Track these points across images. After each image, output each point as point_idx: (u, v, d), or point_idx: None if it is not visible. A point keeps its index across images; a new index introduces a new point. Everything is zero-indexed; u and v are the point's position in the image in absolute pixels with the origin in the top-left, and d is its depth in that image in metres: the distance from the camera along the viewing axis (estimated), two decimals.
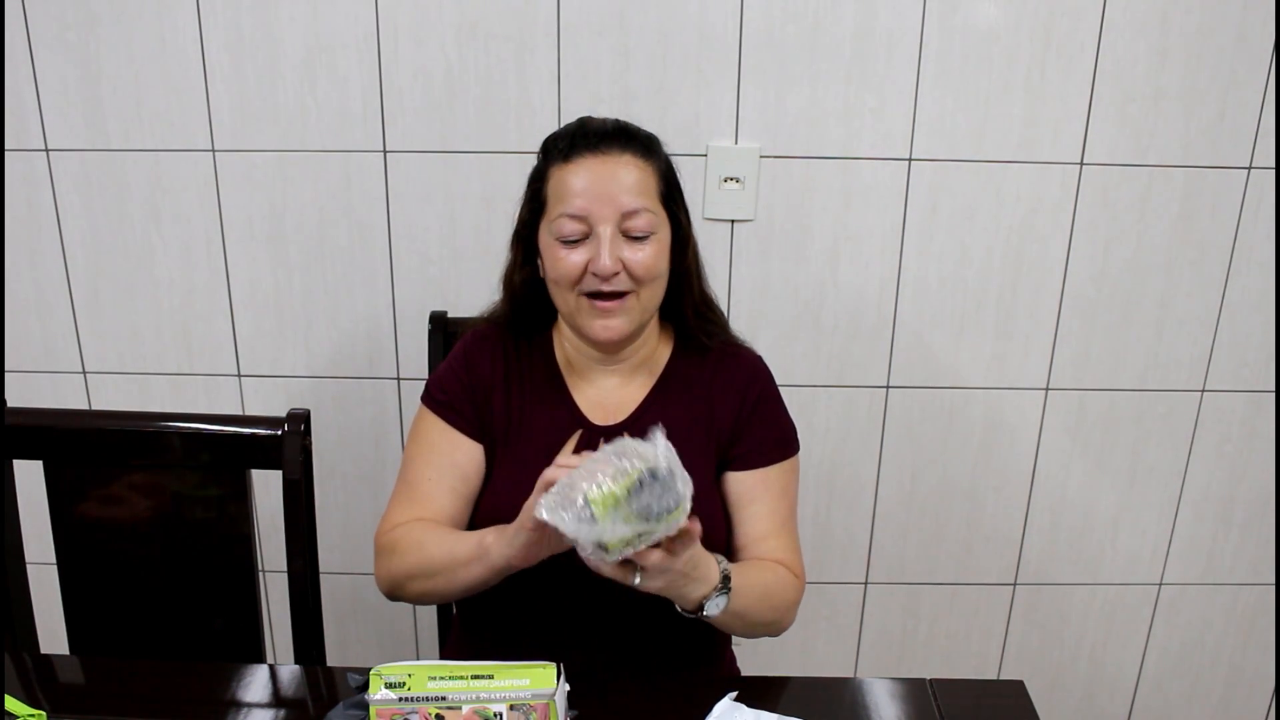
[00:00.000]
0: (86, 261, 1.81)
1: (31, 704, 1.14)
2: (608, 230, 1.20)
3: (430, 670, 1.01)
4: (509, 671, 1.01)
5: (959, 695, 1.22)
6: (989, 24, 1.66)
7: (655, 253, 1.23)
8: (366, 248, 1.79)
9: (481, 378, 1.33)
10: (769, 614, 1.25)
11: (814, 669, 2.05)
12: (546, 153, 1.27)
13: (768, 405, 1.34)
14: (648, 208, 1.22)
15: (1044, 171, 1.74)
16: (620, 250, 1.21)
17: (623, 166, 1.21)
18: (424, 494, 1.30)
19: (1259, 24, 1.66)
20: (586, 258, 1.21)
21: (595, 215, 1.20)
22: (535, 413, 1.32)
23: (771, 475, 1.32)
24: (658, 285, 1.26)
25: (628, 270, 1.22)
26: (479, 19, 1.66)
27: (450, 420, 1.32)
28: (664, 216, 1.25)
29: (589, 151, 1.22)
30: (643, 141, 1.26)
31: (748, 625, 1.24)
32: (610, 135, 1.24)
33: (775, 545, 1.30)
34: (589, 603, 1.27)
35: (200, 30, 1.67)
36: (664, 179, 1.26)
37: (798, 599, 1.30)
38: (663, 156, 1.28)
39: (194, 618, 1.46)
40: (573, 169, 1.21)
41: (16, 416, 1.39)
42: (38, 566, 1.48)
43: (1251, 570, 2.02)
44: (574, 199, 1.20)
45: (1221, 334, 1.84)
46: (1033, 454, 1.92)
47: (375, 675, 1.01)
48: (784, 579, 1.27)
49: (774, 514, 1.31)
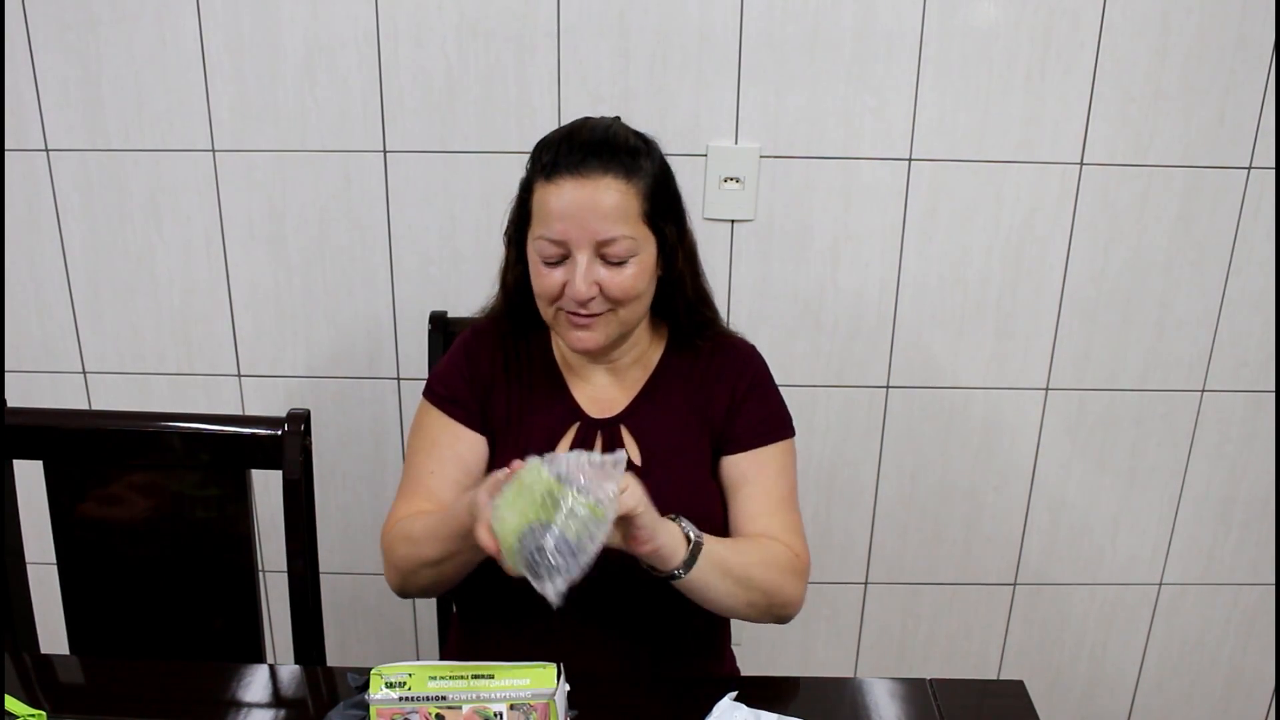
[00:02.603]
0: (86, 261, 1.81)
1: (31, 704, 1.14)
2: (584, 256, 1.20)
3: (430, 670, 1.01)
4: (509, 671, 1.01)
5: (959, 695, 1.22)
6: (989, 24, 1.66)
7: (634, 274, 1.22)
8: (366, 248, 1.79)
9: (482, 372, 1.33)
10: (760, 573, 1.21)
11: (814, 669, 2.05)
12: (535, 160, 1.24)
13: (759, 390, 1.34)
14: (626, 234, 1.20)
15: (1044, 171, 1.74)
16: (597, 274, 1.20)
17: (601, 191, 1.19)
18: (427, 489, 1.30)
19: (1259, 24, 1.66)
20: (565, 278, 1.21)
21: (572, 240, 1.20)
22: (534, 407, 1.32)
23: (765, 456, 1.31)
24: (638, 303, 1.26)
25: (604, 293, 1.21)
26: (479, 19, 1.66)
27: (453, 414, 1.32)
28: (646, 236, 1.23)
29: (569, 173, 1.19)
30: (626, 158, 1.21)
31: (738, 586, 1.19)
32: (594, 152, 1.20)
33: (769, 523, 1.28)
34: (589, 603, 1.27)
35: (200, 30, 1.67)
36: (648, 197, 1.23)
37: (799, 570, 1.26)
38: (650, 170, 1.23)
39: (194, 618, 1.46)
40: (553, 190, 1.20)
41: (16, 416, 1.39)
42: (38, 566, 1.48)
43: (1251, 570, 2.02)
44: (553, 223, 1.20)
45: (1221, 334, 1.84)
46: (1032, 454, 1.92)
47: (375, 675, 1.01)
48: (772, 545, 1.25)
49: (768, 494, 1.30)
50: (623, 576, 1.26)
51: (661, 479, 1.27)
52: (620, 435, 1.31)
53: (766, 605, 1.23)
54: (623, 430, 1.31)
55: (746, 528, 1.29)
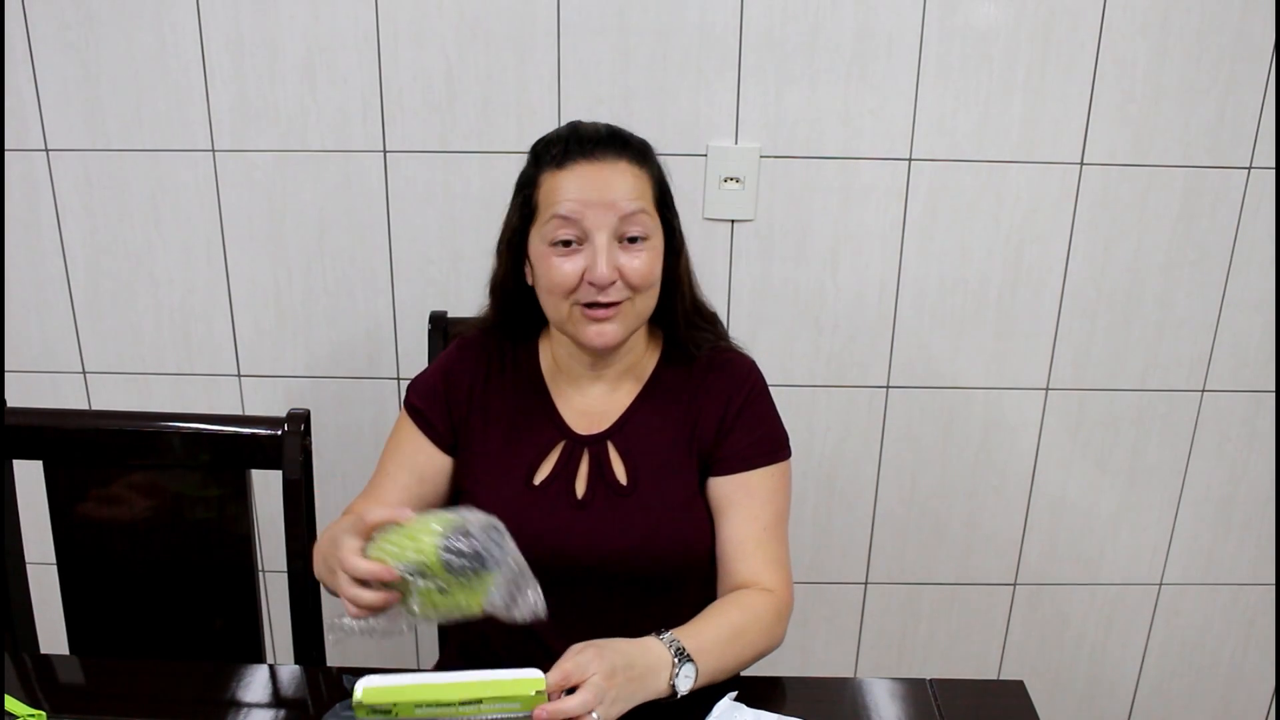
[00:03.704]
0: (86, 261, 1.81)
1: (31, 704, 1.14)
2: (604, 237, 1.19)
3: (416, 695, 0.98)
4: (496, 689, 0.99)
5: (959, 695, 1.22)
6: (989, 24, 1.66)
7: (650, 259, 1.22)
8: (366, 248, 1.79)
9: (459, 394, 1.32)
10: (752, 649, 1.22)
11: (814, 669, 2.05)
12: (537, 158, 1.25)
13: (753, 410, 1.30)
14: (644, 209, 1.21)
15: (1044, 171, 1.74)
16: (617, 258, 1.20)
17: (619, 172, 1.20)
18: (379, 486, 1.32)
19: (1259, 24, 1.66)
20: (581, 266, 1.19)
21: (591, 221, 1.19)
22: (518, 425, 1.31)
23: (754, 480, 1.28)
24: (652, 293, 1.25)
25: (624, 278, 1.20)
26: (479, 19, 1.66)
27: (420, 426, 1.32)
28: (659, 222, 1.24)
29: (583, 158, 1.20)
30: (636, 147, 1.24)
31: (739, 666, 1.21)
32: (604, 141, 1.22)
33: (754, 554, 1.27)
34: (588, 604, 1.27)
35: (200, 31, 1.67)
36: (658, 186, 1.25)
37: (782, 614, 1.26)
38: (656, 164, 1.26)
39: (194, 618, 1.46)
40: (566, 175, 1.20)
41: (16, 416, 1.39)
42: (38, 566, 1.48)
43: (1251, 570, 2.02)
44: (569, 203, 1.19)
45: (1221, 334, 1.84)
46: (1033, 454, 1.92)
47: (358, 705, 0.98)
48: (755, 607, 1.23)
49: (755, 520, 1.28)
50: (622, 577, 1.27)
51: (648, 498, 1.26)
52: (607, 453, 1.29)
53: (754, 661, 1.24)
54: (609, 448, 1.29)
55: (732, 558, 1.28)
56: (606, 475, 1.27)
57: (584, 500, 1.27)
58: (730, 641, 1.19)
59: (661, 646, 1.13)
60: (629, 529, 1.25)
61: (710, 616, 1.22)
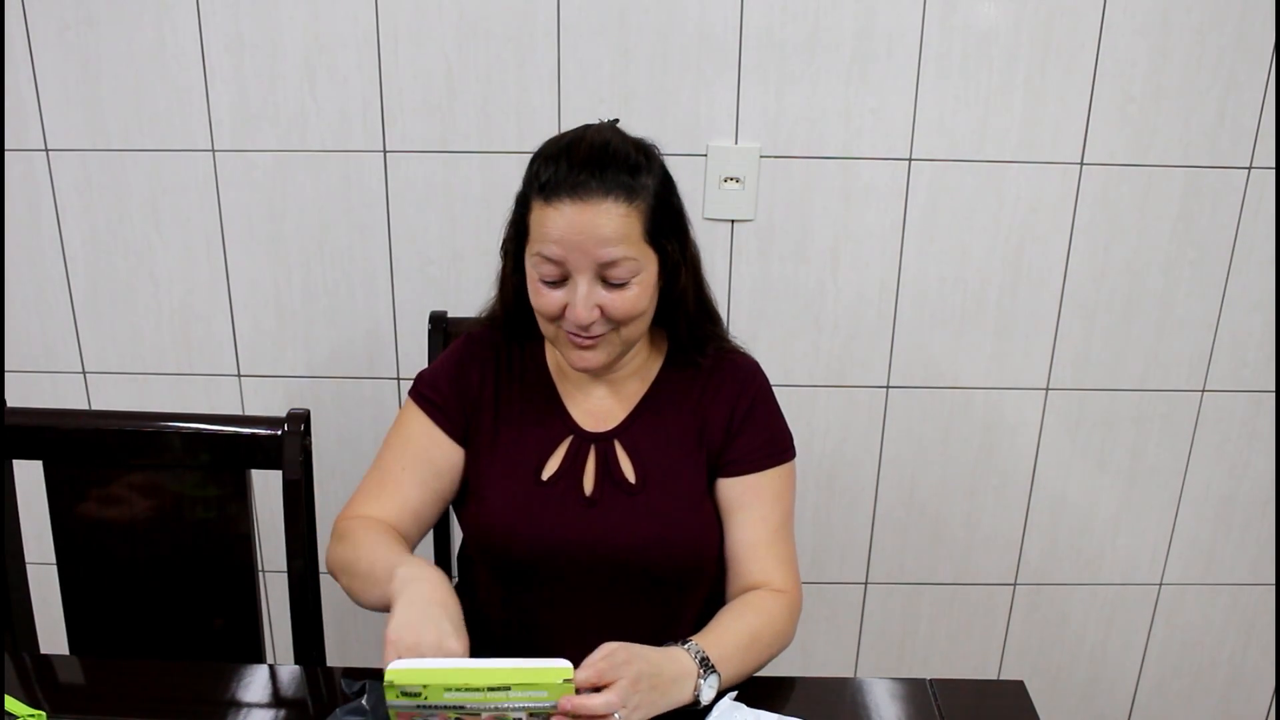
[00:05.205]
0: (86, 261, 1.81)
1: (31, 704, 1.15)
2: (584, 280, 1.17)
3: (446, 679, 0.98)
4: (524, 677, 0.99)
5: (959, 695, 1.22)
6: (989, 24, 1.66)
7: (636, 295, 1.19)
8: (366, 248, 1.79)
9: (471, 386, 1.31)
10: (768, 652, 1.23)
11: (814, 669, 2.05)
12: (533, 176, 1.20)
13: (760, 411, 1.31)
14: (628, 255, 1.17)
15: (1044, 171, 1.74)
16: (598, 296, 1.18)
17: (602, 215, 1.15)
18: (394, 482, 1.30)
19: (1259, 24, 1.66)
20: (565, 300, 1.18)
21: (573, 264, 1.16)
22: (527, 421, 1.30)
23: (763, 481, 1.29)
24: (640, 321, 1.23)
25: (606, 314, 1.19)
26: (479, 19, 1.66)
27: (435, 418, 1.31)
28: (649, 255, 1.20)
29: (569, 196, 1.15)
30: (627, 177, 1.16)
31: (756, 670, 1.23)
32: (595, 170, 1.16)
33: (766, 554, 1.28)
34: (589, 604, 1.27)
35: (200, 30, 1.67)
36: (650, 215, 1.18)
37: (793, 617, 1.27)
38: (651, 188, 1.18)
39: (194, 618, 1.46)
40: (552, 213, 1.16)
41: (16, 416, 1.39)
42: (38, 566, 1.48)
43: (1251, 570, 2.02)
44: (551, 245, 1.16)
45: (1221, 334, 1.84)
46: (1033, 454, 1.92)
47: (389, 686, 0.98)
48: (770, 610, 1.25)
49: (765, 521, 1.29)
50: (631, 574, 1.27)
51: (657, 497, 1.26)
52: (614, 451, 1.29)
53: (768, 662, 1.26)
54: (616, 446, 1.29)
55: (742, 559, 1.29)
56: (615, 473, 1.27)
57: (593, 497, 1.27)
58: (749, 647, 1.20)
59: (687, 656, 1.14)
60: (639, 527, 1.25)
61: (729, 622, 1.23)
